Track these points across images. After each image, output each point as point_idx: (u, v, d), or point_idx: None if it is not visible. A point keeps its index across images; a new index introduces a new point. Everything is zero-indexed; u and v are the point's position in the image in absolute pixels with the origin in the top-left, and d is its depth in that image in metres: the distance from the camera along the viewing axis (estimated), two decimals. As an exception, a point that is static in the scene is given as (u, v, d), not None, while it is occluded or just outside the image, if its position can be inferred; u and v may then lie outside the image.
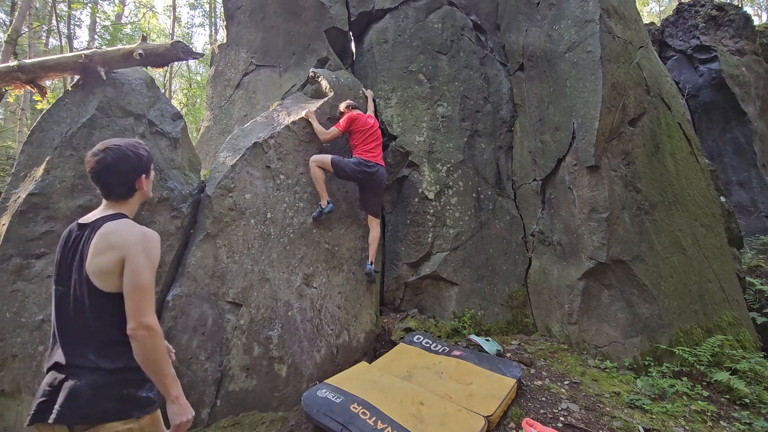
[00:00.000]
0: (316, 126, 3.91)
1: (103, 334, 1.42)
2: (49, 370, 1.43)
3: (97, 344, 1.41)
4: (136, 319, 1.37)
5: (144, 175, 1.61)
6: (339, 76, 4.65)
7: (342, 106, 4.08)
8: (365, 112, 4.44)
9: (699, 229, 4.06)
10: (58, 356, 1.42)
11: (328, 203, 3.74)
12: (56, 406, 1.31)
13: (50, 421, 1.31)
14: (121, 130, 3.36)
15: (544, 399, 3.03)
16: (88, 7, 13.93)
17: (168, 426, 1.47)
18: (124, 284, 1.39)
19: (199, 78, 18.87)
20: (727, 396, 3.24)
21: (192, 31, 24.94)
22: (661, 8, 21.80)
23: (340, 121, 3.92)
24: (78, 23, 16.82)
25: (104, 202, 1.59)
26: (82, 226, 1.52)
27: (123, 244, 1.41)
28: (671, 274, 3.70)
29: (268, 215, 3.58)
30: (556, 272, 4.16)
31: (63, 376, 1.37)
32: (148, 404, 1.43)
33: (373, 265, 3.94)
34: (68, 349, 1.41)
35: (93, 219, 1.53)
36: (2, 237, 2.90)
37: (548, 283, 4.24)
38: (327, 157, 3.77)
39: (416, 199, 4.55)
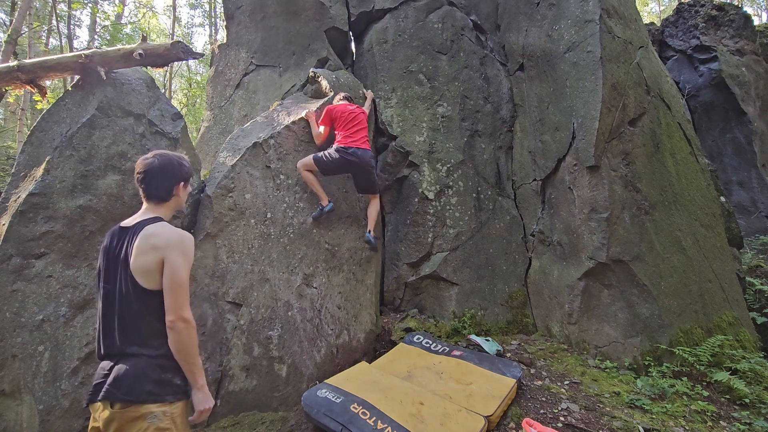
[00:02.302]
0: (313, 129, 3.91)
1: (146, 325, 1.57)
2: (101, 358, 1.60)
3: (141, 334, 1.56)
4: (175, 312, 1.53)
5: (182, 183, 1.79)
6: (339, 76, 4.65)
7: (336, 98, 4.07)
8: None
9: (699, 229, 4.06)
10: (107, 345, 1.59)
11: (329, 202, 3.73)
12: (105, 386, 1.49)
13: (99, 399, 1.49)
14: (121, 130, 3.37)
15: (544, 399, 3.03)
16: (88, 7, 13.93)
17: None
18: (164, 281, 1.55)
19: (199, 78, 18.86)
20: (727, 396, 3.24)
21: (192, 31, 24.97)
22: (661, 8, 21.80)
23: (323, 116, 3.89)
24: (78, 23, 16.83)
25: (144, 205, 1.74)
26: (123, 229, 1.67)
27: (163, 246, 1.56)
28: (671, 274, 3.70)
29: (268, 215, 3.58)
30: (556, 272, 4.16)
31: (113, 362, 1.54)
32: (180, 391, 1.57)
33: (372, 233, 3.90)
34: (115, 338, 1.57)
35: (134, 222, 1.66)
36: (2, 237, 2.90)
37: (548, 283, 4.24)
38: (309, 158, 3.72)
39: (416, 199, 4.54)
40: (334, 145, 3.76)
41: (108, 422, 1.46)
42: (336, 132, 3.87)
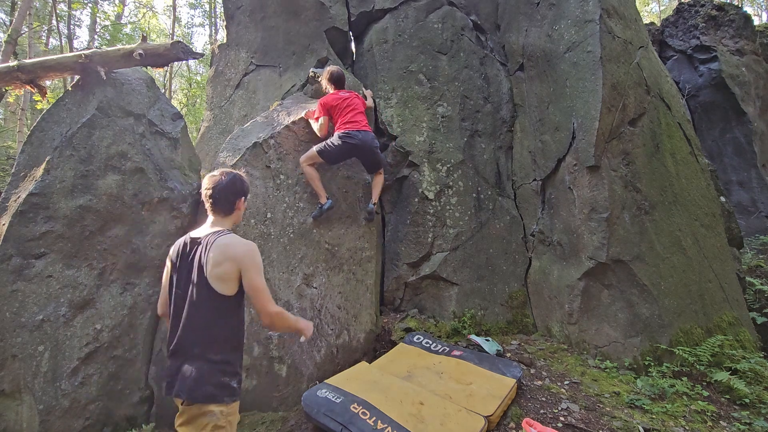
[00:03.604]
0: (313, 125, 3.91)
1: (213, 329, 1.75)
2: (169, 355, 1.80)
3: (207, 338, 1.74)
4: (265, 310, 1.76)
5: (243, 198, 1.99)
6: (339, 76, 4.64)
7: (323, 80, 4.05)
8: None
9: (699, 229, 4.06)
10: (175, 345, 1.77)
11: (328, 199, 3.72)
12: (176, 385, 1.71)
13: (172, 395, 1.73)
14: (121, 130, 3.37)
15: (544, 399, 3.03)
16: (88, 7, 13.92)
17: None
18: (247, 290, 1.77)
19: (199, 78, 18.85)
20: (727, 396, 3.24)
21: (192, 31, 24.96)
22: (661, 8, 21.80)
23: (317, 110, 3.88)
24: (78, 23, 16.83)
25: (211, 218, 1.93)
26: (195, 240, 1.86)
27: (238, 257, 1.75)
28: (671, 274, 3.70)
29: (268, 215, 3.58)
30: (556, 272, 4.16)
31: (179, 362, 1.74)
32: (235, 393, 1.76)
33: (374, 206, 3.95)
34: (183, 340, 1.75)
35: (206, 234, 1.85)
36: (2, 237, 2.90)
37: (548, 283, 4.24)
38: (312, 151, 3.73)
39: (416, 199, 4.54)
40: (335, 133, 3.76)
41: (180, 414, 1.73)
42: (334, 121, 3.87)
